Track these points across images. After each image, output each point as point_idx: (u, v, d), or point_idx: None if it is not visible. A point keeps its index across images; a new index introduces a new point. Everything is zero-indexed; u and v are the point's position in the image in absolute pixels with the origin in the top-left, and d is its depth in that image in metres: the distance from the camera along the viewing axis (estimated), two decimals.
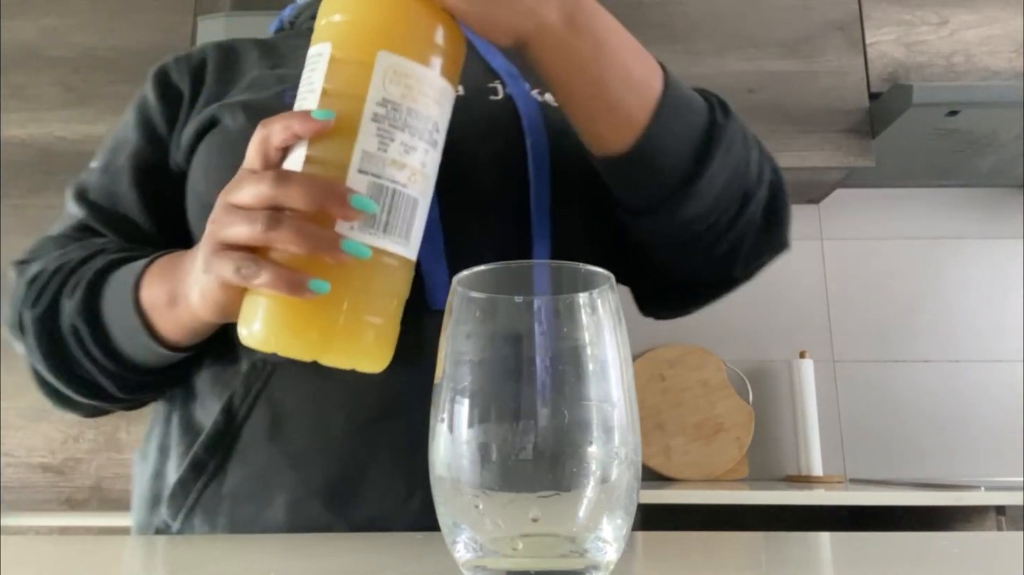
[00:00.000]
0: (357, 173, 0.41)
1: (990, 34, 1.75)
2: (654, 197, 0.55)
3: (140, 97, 0.68)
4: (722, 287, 0.66)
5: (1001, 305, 1.91)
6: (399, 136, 0.42)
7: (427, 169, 0.44)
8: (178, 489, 0.54)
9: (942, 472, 1.80)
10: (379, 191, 0.42)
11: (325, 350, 0.42)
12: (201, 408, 0.57)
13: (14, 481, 1.62)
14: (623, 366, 0.30)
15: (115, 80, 1.82)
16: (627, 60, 0.51)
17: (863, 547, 0.43)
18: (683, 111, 0.53)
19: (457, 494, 0.29)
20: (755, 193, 0.58)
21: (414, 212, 0.44)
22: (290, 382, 0.54)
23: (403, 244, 0.43)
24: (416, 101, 0.43)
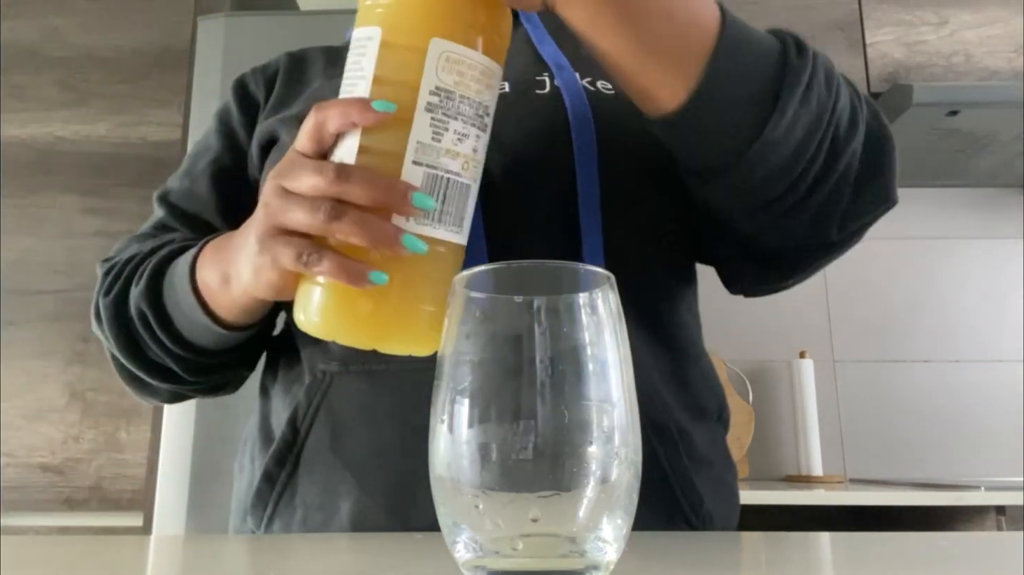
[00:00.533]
0: (412, 164, 0.41)
1: (990, 34, 1.75)
2: (721, 155, 0.48)
3: (223, 106, 0.72)
4: (820, 253, 0.57)
5: (1001, 305, 1.90)
6: (452, 125, 0.42)
7: (479, 155, 0.44)
8: (256, 499, 0.57)
9: (942, 472, 1.80)
10: (434, 182, 0.42)
11: (380, 338, 0.42)
12: (276, 420, 0.60)
13: (14, 481, 1.62)
14: (623, 366, 0.30)
15: (115, 80, 1.82)
16: (672, 4, 0.45)
17: (863, 547, 0.43)
18: (745, 54, 0.46)
19: (457, 494, 0.29)
20: (848, 142, 0.50)
21: (467, 199, 0.44)
22: (346, 393, 0.56)
23: (456, 232, 0.43)
24: (468, 88, 0.43)
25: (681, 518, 0.55)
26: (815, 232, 0.54)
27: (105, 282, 0.61)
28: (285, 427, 0.56)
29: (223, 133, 0.69)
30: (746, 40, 0.47)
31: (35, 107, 1.80)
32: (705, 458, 0.59)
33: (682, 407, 0.58)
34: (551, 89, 0.61)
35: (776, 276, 0.62)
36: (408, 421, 0.54)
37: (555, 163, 0.57)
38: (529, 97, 0.60)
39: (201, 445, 1.30)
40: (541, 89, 0.61)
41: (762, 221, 0.54)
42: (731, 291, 0.66)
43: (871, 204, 0.55)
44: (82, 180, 1.75)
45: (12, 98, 1.80)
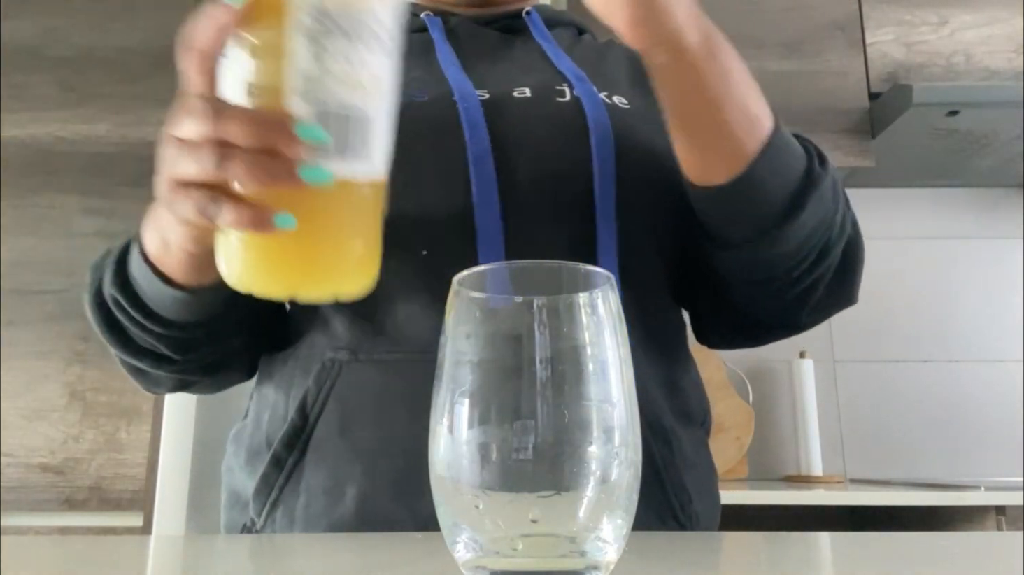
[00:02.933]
0: (298, 98, 0.37)
1: (990, 34, 1.75)
2: (746, 232, 0.56)
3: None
4: (785, 330, 0.66)
5: (1001, 305, 1.90)
6: (334, 45, 0.38)
7: (377, 73, 0.39)
8: (262, 485, 0.57)
9: (942, 472, 1.80)
10: (325, 114, 0.38)
11: (303, 286, 0.40)
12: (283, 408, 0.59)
13: (14, 481, 1.62)
14: (623, 366, 0.30)
15: (115, 80, 1.82)
16: (746, 94, 0.52)
17: (863, 547, 0.43)
18: (787, 153, 0.54)
19: (457, 494, 0.29)
20: (835, 246, 0.59)
21: (370, 127, 0.39)
22: (356, 380, 0.56)
23: (364, 164, 0.39)
24: (348, 4, 0.38)
25: (671, 516, 0.57)
26: (790, 313, 0.63)
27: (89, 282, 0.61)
28: (295, 413, 0.57)
29: None
30: (788, 143, 0.55)
31: (35, 107, 1.80)
32: (692, 461, 0.61)
33: (673, 411, 0.61)
34: (571, 98, 0.63)
35: (740, 340, 0.70)
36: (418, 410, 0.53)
37: (574, 166, 0.59)
38: (550, 103, 0.62)
39: (201, 445, 1.30)
40: (561, 97, 0.63)
41: (753, 294, 0.61)
42: (700, 342, 0.73)
43: (836, 301, 0.64)
44: (82, 180, 1.75)
45: (12, 98, 1.80)
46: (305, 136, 0.37)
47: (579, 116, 0.61)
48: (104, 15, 1.85)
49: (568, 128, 0.60)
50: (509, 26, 0.73)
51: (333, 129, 0.38)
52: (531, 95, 0.62)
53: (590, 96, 0.62)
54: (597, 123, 0.60)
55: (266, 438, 0.59)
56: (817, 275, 0.59)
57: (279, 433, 0.57)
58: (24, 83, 1.81)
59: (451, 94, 0.61)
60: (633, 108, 0.65)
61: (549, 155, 0.59)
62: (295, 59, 0.37)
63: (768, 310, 0.63)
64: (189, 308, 0.56)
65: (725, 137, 0.52)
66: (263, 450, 0.59)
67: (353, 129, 0.38)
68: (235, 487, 0.63)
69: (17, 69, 1.82)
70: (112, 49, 1.83)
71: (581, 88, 0.63)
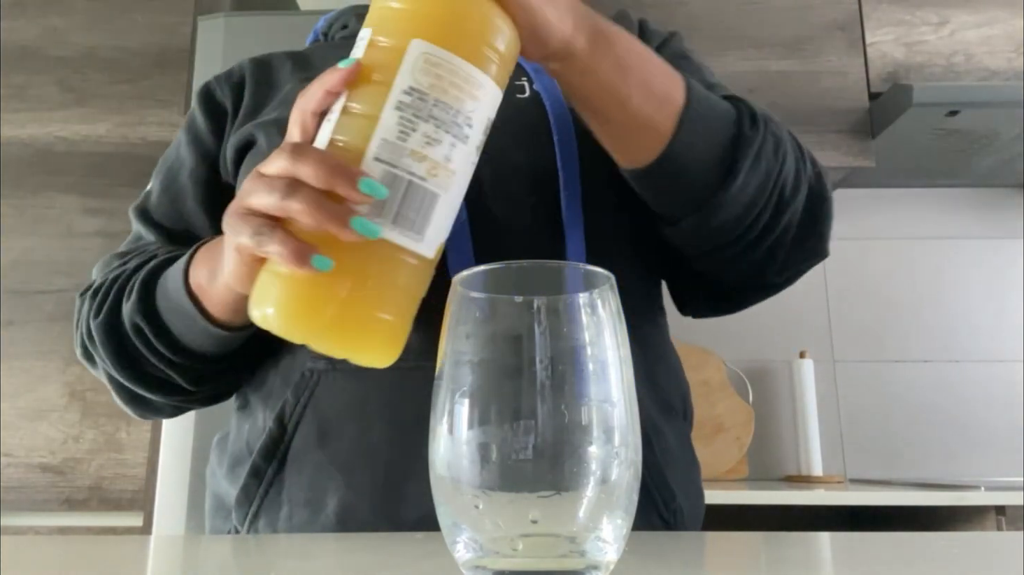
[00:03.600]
0: (373, 160, 0.40)
1: (990, 34, 1.75)
2: (683, 206, 0.56)
3: (190, 118, 0.71)
4: (758, 292, 0.67)
5: (1001, 305, 1.90)
6: (422, 127, 0.41)
7: (452, 164, 0.42)
8: (242, 496, 0.57)
9: (942, 472, 1.80)
10: (393, 180, 0.40)
11: (322, 336, 0.41)
12: (261, 418, 0.59)
13: (14, 481, 1.62)
14: (623, 366, 0.30)
15: (115, 80, 1.82)
16: (647, 76, 0.52)
17: (863, 547, 0.43)
18: (707, 123, 0.54)
19: (457, 494, 0.29)
20: (791, 201, 0.58)
21: (432, 206, 0.42)
22: (333, 390, 0.56)
23: (415, 238, 0.42)
24: (446, 92, 0.41)
25: (655, 513, 0.57)
26: (758, 275, 0.63)
27: (92, 305, 0.61)
28: (272, 424, 0.56)
29: (193, 144, 0.69)
30: (708, 110, 0.55)
31: (35, 107, 1.80)
32: (675, 456, 0.61)
33: (653, 405, 0.60)
34: (531, 94, 0.63)
35: (723, 307, 0.70)
36: (396, 418, 0.54)
37: (538, 164, 0.59)
38: (510, 101, 0.61)
39: (201, 445, 1.30)
40: (521, 93, 0.63)
41: (713, 262, 0.62)
42: (682, 313, 0.74)
43: (806, 255, 0.63)
44: (82, 180, 1.75)
45: (12, 98, 1.80)
46: (366, 189, 0.39)
47: (540, 113, 0.61)
48: (104, 15, 1.85)
49: (530, 127, 0.60)
50: None
51: (394, 194, 0.40)
52: None
53: (550, 90, 0.62)
54: (559, 119, 0.60)
55: (247, 447, 0.59)
56: (778, 234, 0.58)
57: (258, 443, 0.57)
58: (24, 83, 1.81)
59: None
60: None
61: (512, 156, 0.59)
62: (382, 126, 0.41)
63: (736, 275, 0.63)
64: (219, 343, 0.57)
65: (637, 124, 0.52)
66: (244, 459, 0.59)
67: (412, 200, 0.41)
68: (219, 493, 0.63)
69: (17, 69, 1.82)
70: (112, 49, 1.83)
71: (540, 82, 0.63)
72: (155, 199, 0.69)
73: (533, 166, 0.59)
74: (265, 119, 0.64)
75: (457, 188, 0.43)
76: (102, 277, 0.63)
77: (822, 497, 1.33)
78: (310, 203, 0.39)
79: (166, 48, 1.81)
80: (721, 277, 0.65)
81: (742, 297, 0.68)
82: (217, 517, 0.62)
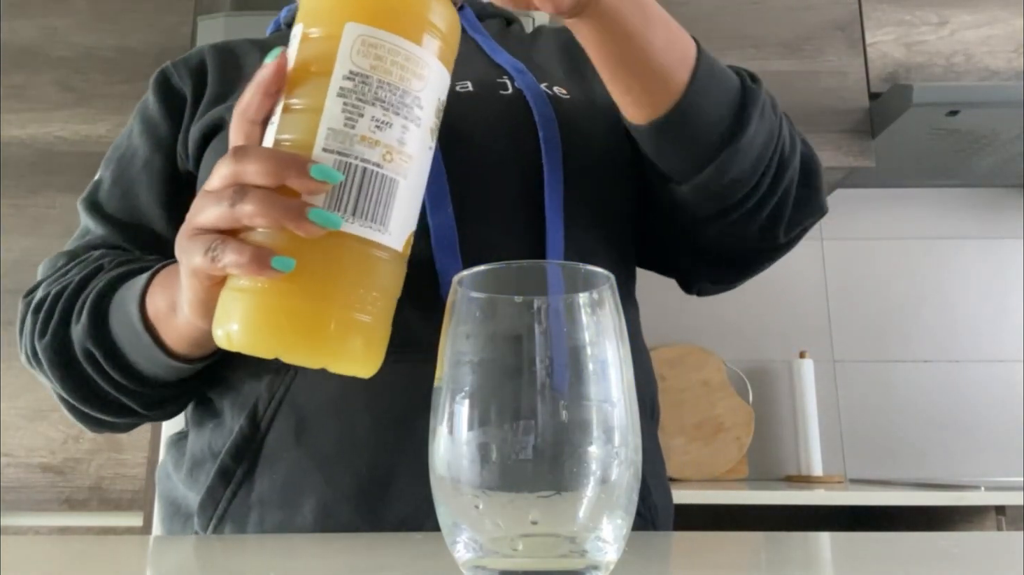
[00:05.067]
0: (322, 151, 0.38)
1: (990, 34, 1.75)
2: (697, 159, 0.56)
3: (142, 105, 0.68)
4: (767, 254, 0.67)
5: (1001, 305, 1.90)
6: (369, 111, 0.38)
7: (408, 148, 0.40)
8: (207, 498, 0.54)
9: (942, 472, 1.80)
10: (346, 169, 0.38)
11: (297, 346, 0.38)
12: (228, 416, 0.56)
13: (14, 481, 1.62)
14: (623, 366, 0.30)
15: (115, 80, 1.82)
16: (666, 23, 0.53)
17: (863, 547, 0.43)
18: (718, 74, 0.55)
19: (457, 494, 0.29)
20: (791, 159, 0.60)
21: (392, 194, 0.39)
22: (312, 384, 0.54)
23: (378, 229, 0.39)
24: (389, 73, 0.39)
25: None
26: (765, 236, 0.63)
27: (36, 322, 0.57)
28: (244, 421, 0.54)
29: (147, 133, 0.66)
30: (717, 64, 0.56)
31: (35, 107, 1.80)
32: (650, 454, 0.62)
33: None
34: (514, 91, 0.62)
35: (730, 276, 0.70)
36: (381, 413, 0.52)
37: (521, 160, 0.59)
38: (494, 97, 0.61)
39: None
40: (504, 91, 0.62)
41: (725, 224, 0.61)
42: (688, 292, 0.74)
43: (808, 212, 0.64)
44: (82, 180, 1.75)
45: (12, 98, 1.80)
46: (318, 174, 0.36)
47: (524, 110, 0.60)
48: (104, 15, 1.85)
49: (514, 122, 0.60)
50: None
51: (350, 183, 0.38)
52: (473, 89, 0.61)
53: (532, 88, 0.62)
54: (543, 116, 0.60)
55: (209, 447, 0.56)
56: (783, 189, 0.60)
57: (226, 443, 0.54)
58: (24, 83, 1.81)
59: None
60: (572, 97, 0.64)
61: (496, 150, 0.59)
62: (326, 116, 0.38)
63: (747, 237, 0.63)
64: (177, 372, 0.54)
65: (657, 71, 0.53)
66: (207, 461, 0.56)
67: (370, 188, 0.38)
68: (173, 497, 0.60)
69: (17, 69, 1.82)
70: (112, 49, 1.83)
71: (522, 80, 0.63)
72: (106, 190, 0.65)
73: (517, 159, 0.59)
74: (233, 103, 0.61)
75: (416, 174, 0.41)
76: (46, 288, 0.59)
77: (822, 497, 1.33)
78: (261, 202, 0.37)
79: (166, 48, 1.81)
80: (733, 243, 0.64)
81: (750, 264, 0.68)
82: (174, 522, 0.59)
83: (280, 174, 0.37)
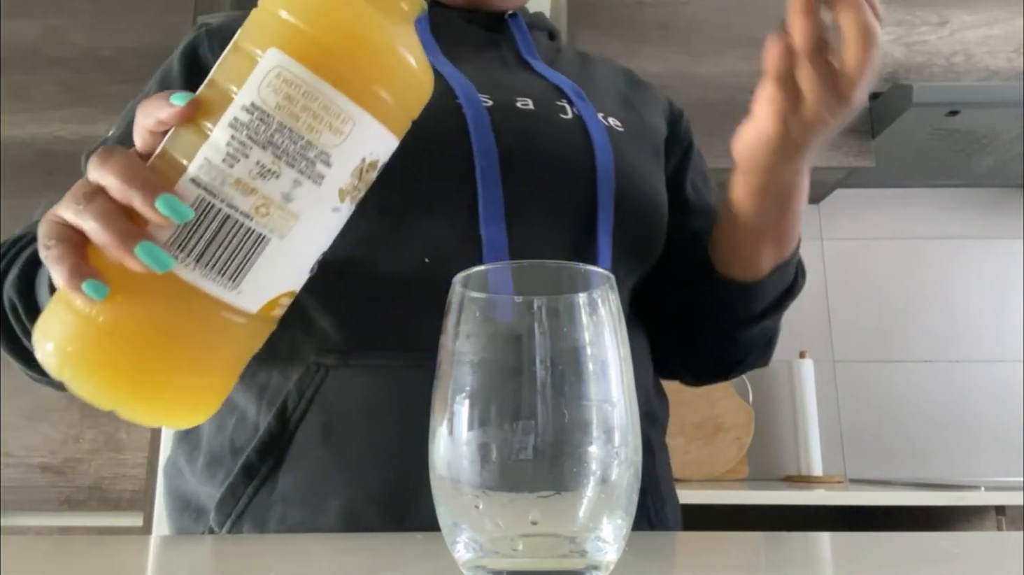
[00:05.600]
0: (189, 181, 0.33)
1: (990, 34, 1.75)
2: (752, 309, 0.66)
3: (166, 67, 0.65)
4: (714, 376, 0.76)
5: (1001, 305, 1.90)
6: (256, 154, 0.34)
7: (294, 205, 0.34)
8: (227, 494, 0.54)
9: (942, 472, 1.80)
10: (206, 210, 0.33)
11: (104, 391, 0.34)
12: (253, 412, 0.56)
13: (14, 481, 1.62)
14: (623, 366, 0.30)
15: (115, 80, 1.82)
16: (797, 218, 0.61)
17: (863, 547, 0.43)
18: (796, 260, 0.66)
19: (457, 494, 0.29)
20: (778, 329, 0.72)
21: (255, 252, 0.34)
22: (343, 387, 0.53)
23: (224, 285, 0.34)
24: (295, 118, 0.34)
25: (644, 518, 0.58)
26: (716, 371, 0.74)
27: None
28: (272, 419, 0.53)
29: None
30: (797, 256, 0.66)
31: (35, 107, 1.80)
32: (664, 465, 0.64)
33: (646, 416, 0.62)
34: (573, 116, 0.62)
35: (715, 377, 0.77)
36: (411, 418, 0.52)
37: (577, 185, 0.59)
38: (554, 119, 0.62)
39: None
40: (563, 114, 0.62)
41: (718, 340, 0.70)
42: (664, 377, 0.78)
43: (758, 364, 0.75)
44: None
45: (12, 98, 1.80)
46: (163, 207, 0.32)
47: (583, 136, 0.61)
48: (104, 15, 1.85)
49: (572, 147, 0.60)
50: (489, 25, 0.70)
51: (204, 226, 0.33)
52: (534, 108, 0.61)
53: (592, 117, 0.63)
54: (600, 146, 0.61)
55: (231, 443, 0.56)
56: (763, 344, 0.71)
57: (252, 440, 0.54)
58: (24, 83, 1.81)
59: (453, 95, 0.58)
60: (626, 131, 0.65)
61: (554, 172, 0.59)
62: (209, 144, 0.34)
63: (712, 355, 0.71)
64: None
65: (786, 240, 0.61)
66: (225, 456, 0.56)
67: (227, 238, 0.34)
68: (182, 491, 0.59)
69: (17, 69, 1.82)
70: (112, 49, 1.83)
71: (582, 107, 0.63)
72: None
73: (571, 184, 0.59)
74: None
75: (301, 236, 0.35)
76: (19, 232, 0.57)
77: (822, 497, 1.33)
78: (99, 218, 0.33)
79: (166, 48, 1.81)
80: (730, 357, 0.72)
81: (696, 375, 0.76)
82: (183, 518, 0.58)
83: (127, 192, 0.33)
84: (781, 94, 0.51)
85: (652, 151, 0.67)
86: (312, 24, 0.35)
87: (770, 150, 0.54)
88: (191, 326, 0.34)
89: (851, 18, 0.47)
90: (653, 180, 0.65)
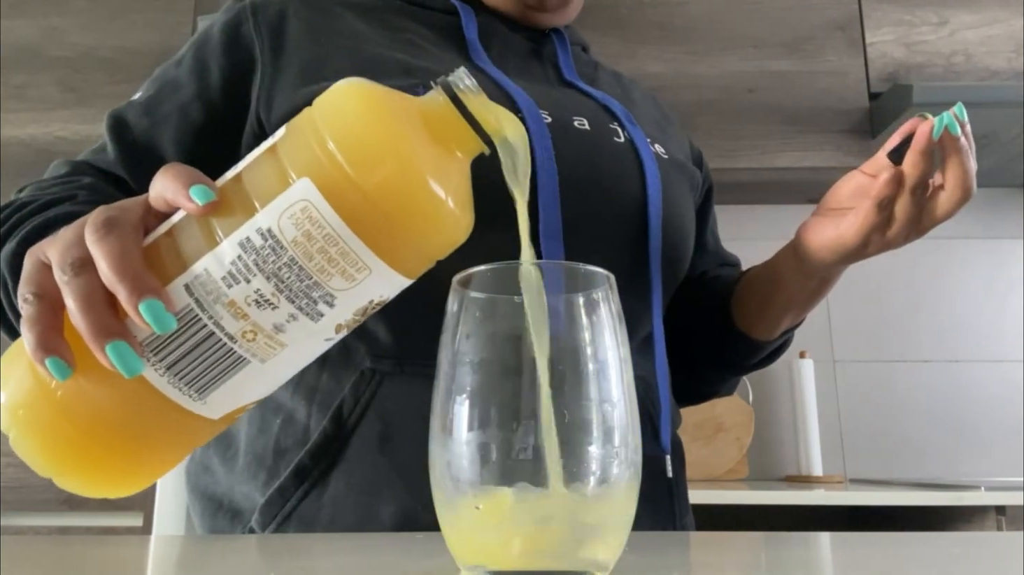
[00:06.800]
0: (182, 288, 0.32)
1: (990, 34, 1.75)
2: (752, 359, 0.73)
3: (204, 37, 0.62)
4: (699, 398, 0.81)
5: (1001, 305, 1.90)
6: (257, 282, 0.32)
7: (284, 336, 0.33)
8: (276, 496, 0.53)
9: (942, 472, 1.80)
10: (191, 322, 0.32)
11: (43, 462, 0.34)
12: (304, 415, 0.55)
13: (14, 481, 1.62)
14: (623, 366, 0.30)
15: (115, 80, 1.82)
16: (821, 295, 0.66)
17: (863, 547, 0.43)
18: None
19: (457, 494, 0.29)
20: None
21: (230, 372, 0.33)
22: (399, 393, 0.54)
23: (191, 397, 0.33)
24: (309, 257, 0.32)
25: (670, 528, 0.61)
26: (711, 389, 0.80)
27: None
28: (328, 423, 0.53)
29: (197, 72, 0.60)
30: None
31: (35, 107, 1.80)
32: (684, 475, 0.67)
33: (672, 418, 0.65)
34: (625, 140, 0.63)
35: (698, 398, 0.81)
36: None
37: (627, 210, 0.60)
38: (609, 141, 0.62)
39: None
40: (617, 137, 0.63)
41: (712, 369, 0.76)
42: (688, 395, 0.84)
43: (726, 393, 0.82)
44: None
45: (12, 98, 1.80)
46: (146, 312, 0.31)
47: (634, 162, 0.62)
48: (104, 15, 1.85)
49: (626, 171, 0.61)
50: (532, 36, 0.70)
51: (184, 337, 0.32)
52: (590, 128, 0.62)
53: (643, 143, 0.64)
54: (651, 173, 0.62)
55: (276, 444, 0.56)
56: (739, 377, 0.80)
57: (302, 442, 0.54)
58: (24, 83, 1.81)
59: (517, 110, 0.57)
60: (670, 158, 0.67)
61: (609, 196, 0.60)
62: (215, 254, 0.32)
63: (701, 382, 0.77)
64: None
65: (804, 313, 0.68)
66: (268, 457, 0.56)
67: (205, 355, 0.33)
68: (213, 492, 0.59)
69: (17, 69, 1.82)
70: (112, 49, 1.83)
71: (632, 131, 0.64)
72: (136, 113, 0.61)
73: (624, 207, 0.60)
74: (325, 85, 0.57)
75: (284, 361, 0.34)
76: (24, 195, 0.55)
77: (822, 497, 1.33)
78: (79, 299, 0.32)
79: (166, 48, 1.81)
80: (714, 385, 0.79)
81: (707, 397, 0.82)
82: (217, 519, 0.58)
83: (114, 282, 0.32)
84: (877, 216, 0.55)
85: (689, 183, 0.70)
86: (356, 169, 0.32)
87: (840, 254, 0.59)
88: (146, 425, 0.34)
89: (958, 168, 0.52)
90: (689, 212, 0.68)
